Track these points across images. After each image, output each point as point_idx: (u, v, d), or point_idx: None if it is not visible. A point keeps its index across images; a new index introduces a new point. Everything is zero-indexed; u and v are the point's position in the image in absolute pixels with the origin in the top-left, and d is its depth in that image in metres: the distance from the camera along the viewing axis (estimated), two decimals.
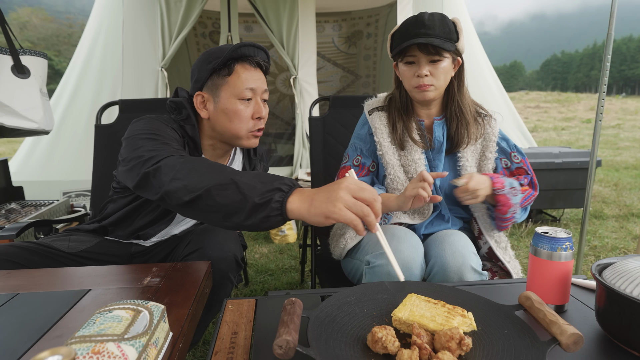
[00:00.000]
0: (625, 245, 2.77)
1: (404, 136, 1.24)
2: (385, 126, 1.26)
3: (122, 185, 1.20)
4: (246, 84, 1.11)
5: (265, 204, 0.74)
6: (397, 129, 1.24)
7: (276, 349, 0.55)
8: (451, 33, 1.12)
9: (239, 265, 1.10)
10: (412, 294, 0.74)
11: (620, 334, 0.65)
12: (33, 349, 0.61)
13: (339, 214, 0.70)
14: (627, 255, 0.74)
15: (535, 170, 3.01)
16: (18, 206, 2.30)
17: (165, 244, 1.24)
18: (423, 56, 1.12)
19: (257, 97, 1.15)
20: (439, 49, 1.09)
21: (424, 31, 1.09)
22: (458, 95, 1.22)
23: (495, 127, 1.26)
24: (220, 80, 1.12)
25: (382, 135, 1.25)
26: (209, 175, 0.80)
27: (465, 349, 0.59)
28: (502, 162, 1.28)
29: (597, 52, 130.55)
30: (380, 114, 1.28)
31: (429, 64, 1.13)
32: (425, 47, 1.10)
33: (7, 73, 1.80)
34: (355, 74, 5.22)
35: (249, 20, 4.58)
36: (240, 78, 1.11)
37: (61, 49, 69.49)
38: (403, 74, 1.18)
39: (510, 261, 1.21)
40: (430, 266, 1.07)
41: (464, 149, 1.23)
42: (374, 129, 1.27)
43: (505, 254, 1.23)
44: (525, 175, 1.26)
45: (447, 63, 1.14)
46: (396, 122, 1.24)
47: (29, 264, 1.05)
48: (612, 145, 9.25)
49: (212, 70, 1.11)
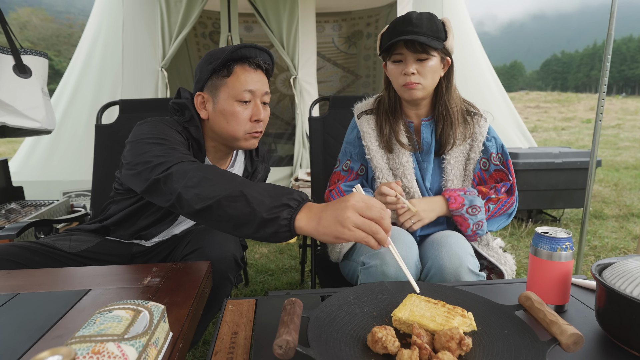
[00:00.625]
0: (625, 246, 2.77)
1: (391, 139, 1.24)
2: (373, 130, 1.26)
3: (125, 187, 1.20)
4: (245, 86, 1.10)
5: (274, 220, 0.74)
6: (384, 132, 1.24)
7: (276, 349, 0.55)
8: (439, 32, 1.12)
9: (238, 265, 1.10)
10: (412, 294, 0.74)
11: (620, 334, 0.65)
12: (33, 349, 0.61)
13: (349, 234, 0.70)
14: (627, 256, 0.74)
15: (536, 171, 3.04)
16: (18, 206, 2.31)
17: (165, 244, 1.24)
18: (410, 54, 1.12)
19: (257, 100, 1.13)
20: (425, 46, 1.09)
21: (410, 29, 1.09)
22: (446, 95, 1.21)
23: (485, 126, 1.24)
24: (219, 81, 1.11)
25: (370, 139, 1.25)
26: (219, 186, 0.80)
27: (465, 349, 0.59)
28: (481, 162, 1.26)
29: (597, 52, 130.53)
30: (369, 117, 1.28)
31: (416, 62, 1.12)
32: (412, 45, 1.10)
33: (9, 73, 1.80)
34: (356, 74, 5.22)
35: (249, 20, 4.58)
36: (239, 79, 1.10)
37: (61, 49, 69.50)
38: (391, 72, 1.18)
39: (496, 255, 1.21)
40: (427, 268, 1.07)
41: (449, 151, 1.23)
42: (362, 132, 1.27)
43: (489, 249, 1.22)
44: (504, 183, 1.23)
45: (434, 62, 1.13)
46: (383, 125, 1.24)
47: (30, 263, 1.05)
48: (612, 145, 9.25)
49: (212, 71, 1.11)
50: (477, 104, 1.30)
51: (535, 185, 3.08)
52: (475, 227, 1.18)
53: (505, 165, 1.25)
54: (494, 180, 1.26)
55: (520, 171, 3.03)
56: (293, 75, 3.32)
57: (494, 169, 1.25)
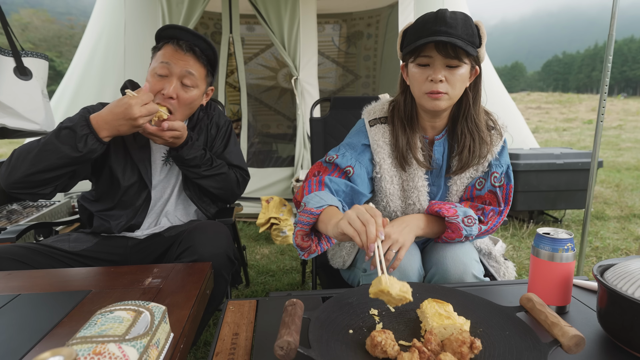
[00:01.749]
0: (627, 247, 2.76)
1: (407, 154, 1.08)
2: (387, 144, 1.10)
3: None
4: (162, 58, 1.19)
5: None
6: (399, 145, 1.08)
7: (277, 350, 0.55)
8: (474, 36, 0.96)
9: (231, 262, 1.12)
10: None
11: (622, 335, 0.65)
12: (34, 350, 0.61)
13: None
14: (629, 257, 0.74)
15: (537, 172, 3.03)
16: (19, 207, 2.31)
17: (158, 239, 1.26)
18: (440, 58, 0.96)
19: (174, 78, 1.19)
20: (460, 51, 0.94)
21: (444, 29, 0.93)
22: (473, 108, 1.06)
23: (499, 144, 1.10)
24: (152, 57, 1.24)
25: (384, 156, 1.09)
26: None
27: (476, 352, 0.59)
28: (477, 181, 1.11)
29: (599, 53, 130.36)
30: (384, 127, 1.11)
31: (446, 68, 0.97)
32: (444, 48, 0.94)
33: (10, 75, 1.81)
34: (355, 73, 5.22)
35: (250, 21, 4.58)
36: (162, 54, 1.20)
37: (63, 50, 69.69)
38: (413, 77, 1.01)
39: (496, 265, 1.16)
40: (430, 274, 1.05)
41: (463, 172, 1.09)
42: (374, 145, 1.10)
43: (490, 259, 1.18)
44: (493, 208, 1.08)
45: (465, 70, 0.98)
46: (399, 137, 1.08)
47: (33, 263, 1.06)
48: (613, 146, 9.24)
49: (154, 49, 1.25)
50: None
51: (537, 186, 3.07)
52: (464, 240, 1.06)
53: (504, 191, 1.09)
54: (481, 201, 1.11)
55: (521, 172, 3.03)
56: (295, 76, 3.32)
57: (487, 190, 1.10)
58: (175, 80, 1.19)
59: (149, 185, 1.27)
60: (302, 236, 0.90)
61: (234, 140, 1.45)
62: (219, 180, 1.33)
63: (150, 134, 1.15)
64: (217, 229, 1.14)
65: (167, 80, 1.19)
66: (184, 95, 1.21)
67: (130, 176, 1.26)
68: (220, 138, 1.41)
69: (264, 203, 2.94)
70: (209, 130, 1.38)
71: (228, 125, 1.45)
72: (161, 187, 1.32)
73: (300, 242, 0.91)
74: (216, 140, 1.40)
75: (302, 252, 0.93)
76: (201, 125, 1.37)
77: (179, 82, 1.20)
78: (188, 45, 1.20)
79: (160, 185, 1.32)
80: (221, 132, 1.41)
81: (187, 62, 1.20)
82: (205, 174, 1.29)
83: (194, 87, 1.23)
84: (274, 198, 2.97)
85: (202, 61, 1.24)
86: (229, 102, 4.75)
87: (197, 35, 1.23)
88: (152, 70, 1.20)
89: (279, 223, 2.82)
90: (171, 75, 1.19)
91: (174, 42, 1.20)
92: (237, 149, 1.45)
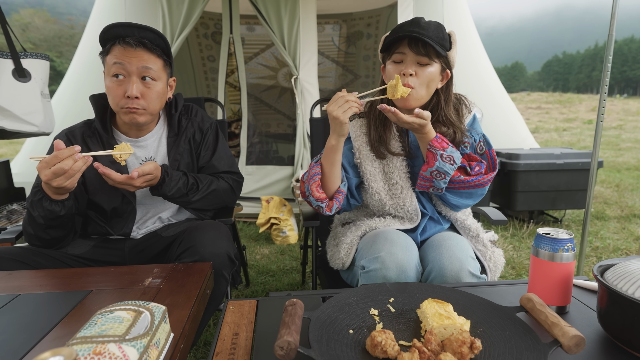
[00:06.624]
0: (627, 247, 2.76)
1: (379, 147, 1.20)
2: (365, 134, 1.22)
3: None
4: (114, 59, 1.14)
5: None
6: (372, 140, 1.20)
7: (277, 350, 0.55)
8: (445, 40, 1.10)
9: (232, 262, 1.11)
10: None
11: (622, 335, 0.65)
12: (34, 350, 0.61)
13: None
14: (629, 257, 0.74)
15: (537, 172, 3.03)
16: (20, 207, 2.31)
17: (156, 239, 1.26)
18: (412, 55, 1.08)
19: (133, 76, 1.14)
20: (430, 50, 1.07)
21: (417, 29, 1.07)
22: (445, 108, 1.16)
23: (468, 118, 1.21)
24: (104, 63, 1.18)
25: (362, 142, 1.21)
26: None
27: (476, 352, 0.59)
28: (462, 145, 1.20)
29: (599, 53, 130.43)
30: (361, 121, 1.25)
31: (417, 65, 1.09)
32: (416, 45, 1.07)
33: (8, 77, 1.81)
34: (355, 73, 5.22)
35: (250, 21, 4.59)
36: (112, 56, 1.15)
37: (63, 50, 69.69)
38: (388, 73, 1.13)
39: (482, 249, 1.19)
40: (427, 271, 1.07)
41: None
42: (353, 135, 1.23)
43: (477, 242, 1.21)
44: (478, 163, 1.15)
45: (434, 69, 1.10)
46: (372, 132, 1.20)
47: (33, 263, 1.06)
48: (613, 146, 9.24)
49: (102, 55, 1.19)
50: (478, 104, 1.27)
51: (537, 186, 3.07)
52: (435, 174, 1.08)
53: (487, 157, 1.17)
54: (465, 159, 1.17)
55: (521, 172, 3.03)
56: (295, 76, 3.32)
57: (467, 152, 1.18)
58: (134, 79, 1.14)
59: (133, 202, 1.25)
60: (317, 188, 1.12)
61: (222, 143, 1.40)
62: (211, 198, 1.29)
63: (121, 184, 1.08)
64: (217, 229, 1.13)
65: (126, 81, 1.14)
66: (148, 92, 1.17)
67: (115, 200, 1.23)
68: (205, 146, 1.36)
69: (264, 203, 2.94)
70: (193, 137, 1.34)
71: (213, 127, 1.40)
72: (150, 198, 1.28)
73: (318, 195, 1.12)
74: (202, 148, 1.35)
75: (323, 205, 1.13)
76: (187, 134, 1.32)
77: (139, 79, 1.15)
78: (136, 40, 1.14)
79: (149, 197, 1.27)
80: (206, 138, 1.36)
81: (140, 57, 1.14)
82: (194, 199, 1.25)
83: (156, 79, 1.18)
84: (274, 198, 2.97)
85: (155, 52, 1.18)
86: (230, 101, 4.75)
87: (142, 27, 1.16)
88: (108, 74, 1.15)
89: (279, 223, 2.82)
90: (129, 75, 1.14)
91: (120, 40, 1.14)
92: (225, 152, 1.40)
